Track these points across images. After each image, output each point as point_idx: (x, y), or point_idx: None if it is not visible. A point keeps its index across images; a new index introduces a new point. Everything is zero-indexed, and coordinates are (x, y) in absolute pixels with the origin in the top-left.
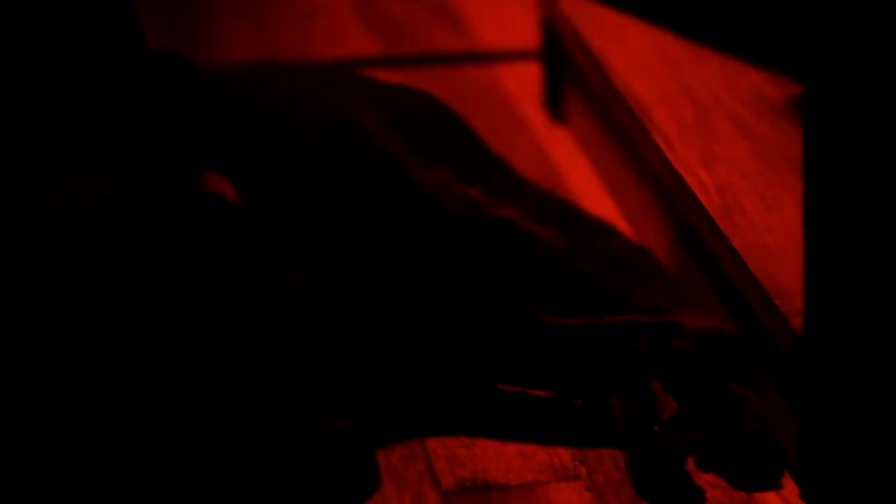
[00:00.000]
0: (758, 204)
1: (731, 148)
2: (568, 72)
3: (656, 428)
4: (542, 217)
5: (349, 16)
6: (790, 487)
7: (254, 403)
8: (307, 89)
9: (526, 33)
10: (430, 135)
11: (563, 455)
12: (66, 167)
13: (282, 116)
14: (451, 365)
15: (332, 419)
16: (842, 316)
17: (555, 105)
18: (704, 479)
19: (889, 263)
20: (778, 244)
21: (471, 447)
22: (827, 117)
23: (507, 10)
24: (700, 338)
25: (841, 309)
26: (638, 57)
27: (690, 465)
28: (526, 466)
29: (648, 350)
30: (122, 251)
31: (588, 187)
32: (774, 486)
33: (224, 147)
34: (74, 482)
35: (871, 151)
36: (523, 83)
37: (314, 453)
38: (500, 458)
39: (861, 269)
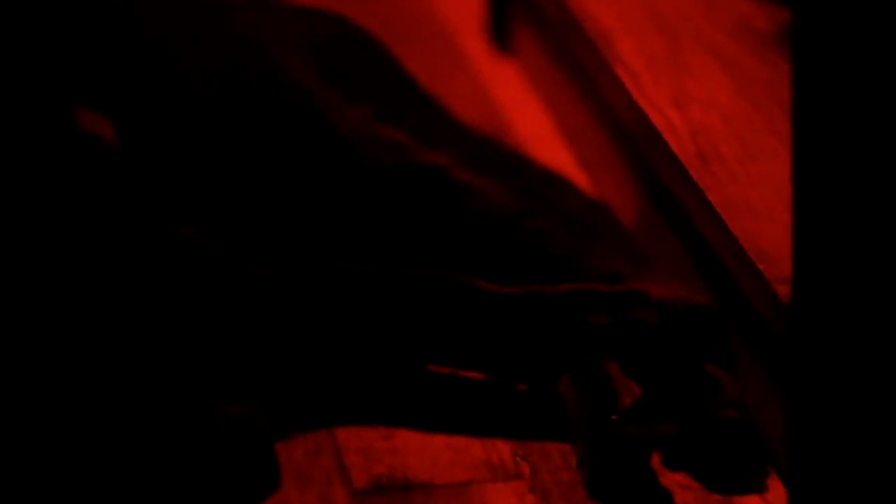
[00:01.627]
0: (739, 152)
1: (708, 85)
2: None
3: (615, 417)
4: (481, 166)
5: None
6: (776, 490)
7: (132, 383)
8: (211, 13)
9: None
10: (350, 68)
11: (502, 450)
12: None
13: (179, 47)
14: (370, 341)
15: (226, 404)
16: (836, 284)
17: (500, 34)
18: (673, 480)
19: (892, 220)
20: (762, 200)
21: (390, 439)
22: (821, 49)
23: None
24: (668, 310)
25: (835, 276)
26: None
27: (656, 462)
28: (456, 463)
29: (606, 324)
30: None
31: (537, 132)
32: (757, 488)
33: (109, 81)
34: None
35: (872, 88)
36: (463, 8)
37: (202, 444)
38: (425, 453)
39: (860, 228)
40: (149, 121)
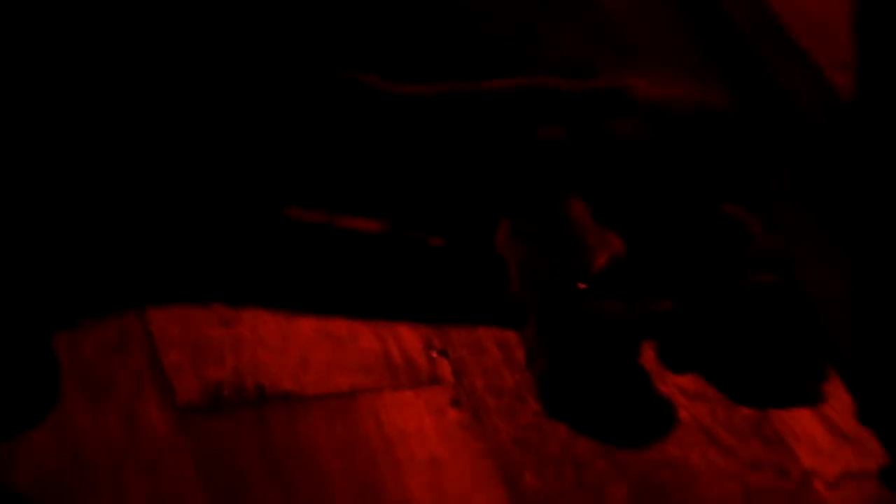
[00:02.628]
0: None
1: None
2: None
3: (583, 286)
4: None
5: None
6: (838, 400)
7: None
8: None
9: None
10: None
11: (408, 340)
12: None
13: None
14: (207, 165)
15: None
16: None
17: None
18: (676, 385)
19: None
20: None
21: (232, 325)
22: None
23: None
24: (664, 116)
25: None
26: None
27: (649, 357)
28: (337, 360)
29: (566, 139)
30: None
31: None
32: (809, 398)
33: None
34: None
35: None
36: None
37: None
38: (289, 347)
39: None
40: None
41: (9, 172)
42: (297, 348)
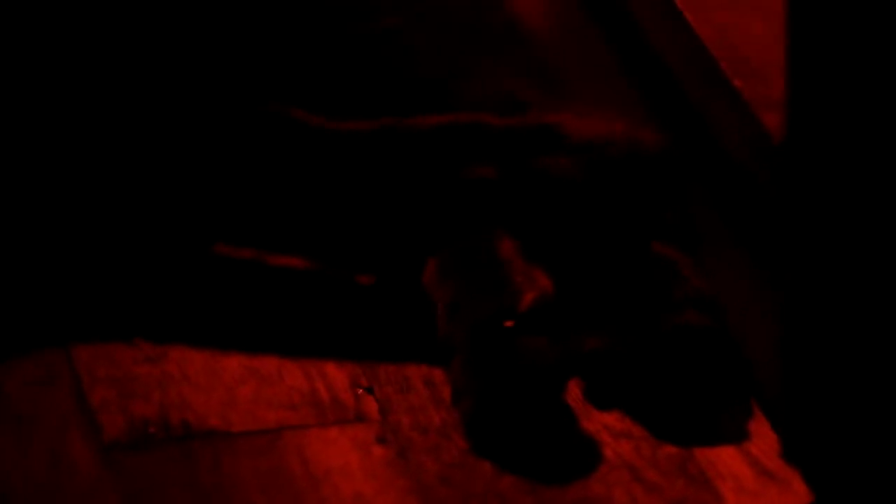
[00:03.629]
0: None
1: None
2: None
3: (510, 324)
4: None
5: None
6: (762, 438)
7: None
8: None
9: None
10: None
11: (335, 377)
12: None
13: None
14: (132, 198)
15: None
16: (842, 109)
17: None
18: (601, 423)
19: None
20: None
21: (158, 363)
22: None
23: None
24: (595, 154)
25: (844, 95)
26: None
27: (575, 394)
28: (264, 397)
29: (497, 178)
30: None
31: None
32: (733, 435)
33: None
34: None
35: None
36: None
37: None
38: (216, 382)
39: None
40: None
41: None
42: (223, 385)
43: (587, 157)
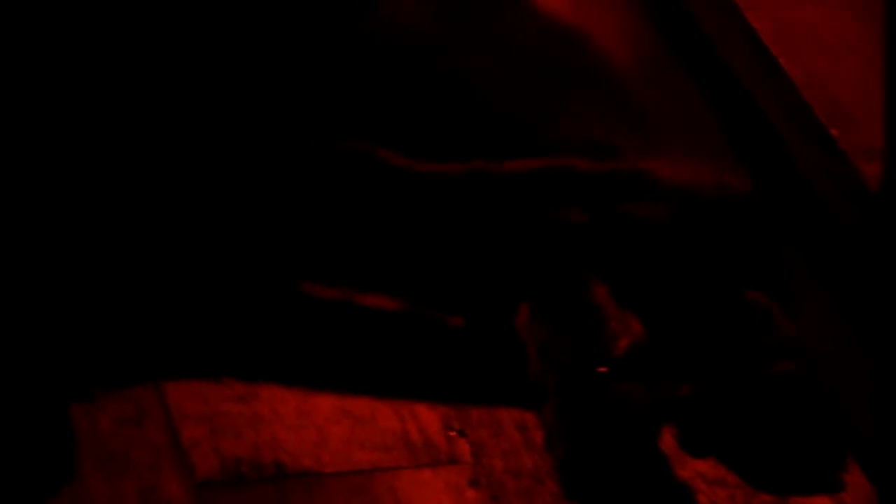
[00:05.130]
0: None
1: None
2: None
3: (603, 370)
4: None
5: None
6: (857, 489)
7: None
8: None
9: None
10: None
11: (427, 420)
12: None
13: None
14: (225, 243)
15: None
16: None
17: None
18: (695, 470)
19: None
20: (834, 24)
21: (250, 402)
22: None
23: None
24: (686, 201)
25: None
26: None
27: (668, 441)
28: (356, 438)
29: (589, 223)
30: None
31: None
32: (829, 485)
33: None
34: None
35: None
36: None
37: None
38: (308, 422)
39: None
40: None
41: (27, 244)
42: (315, 425)
43: (678, 203)
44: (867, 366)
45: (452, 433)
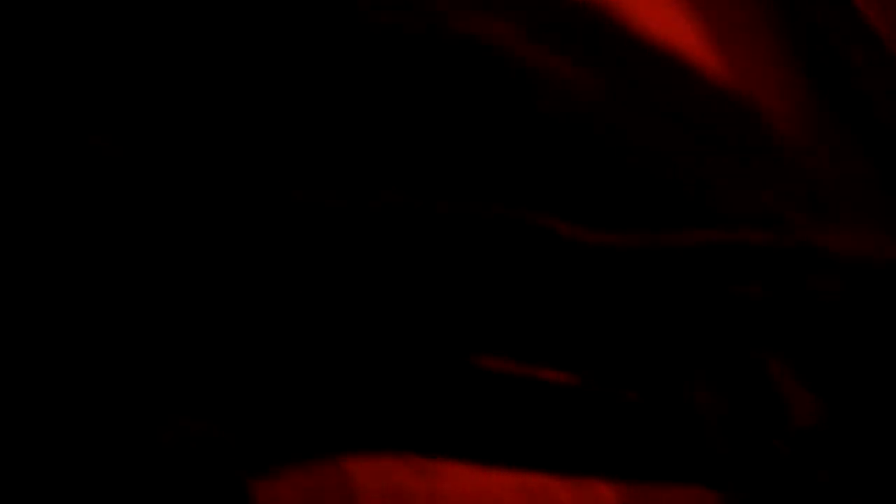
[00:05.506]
0: None
1: None
2: None
3: (777, 443)
4: (555, 38)
5: None
6: None
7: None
8: None
9: None
10: None
11: (607, 497)
12: None
13: None
14: (390, 314)
15: (179, 416)
16: None
17: None
18: None
19: None
20: None
21: (428, 476)
22: None
23: None
24: (862, 274)
25: None
26: None
27: None
28: None
29: (764, 296)
30: None
31: None
32: None
33: None
34: None
35: None
36: None
37: (142, 473)
38: (488, 498)
39: None
40: None
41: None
42: (493, 499)
43: (855, 278)
44: None
45: None
